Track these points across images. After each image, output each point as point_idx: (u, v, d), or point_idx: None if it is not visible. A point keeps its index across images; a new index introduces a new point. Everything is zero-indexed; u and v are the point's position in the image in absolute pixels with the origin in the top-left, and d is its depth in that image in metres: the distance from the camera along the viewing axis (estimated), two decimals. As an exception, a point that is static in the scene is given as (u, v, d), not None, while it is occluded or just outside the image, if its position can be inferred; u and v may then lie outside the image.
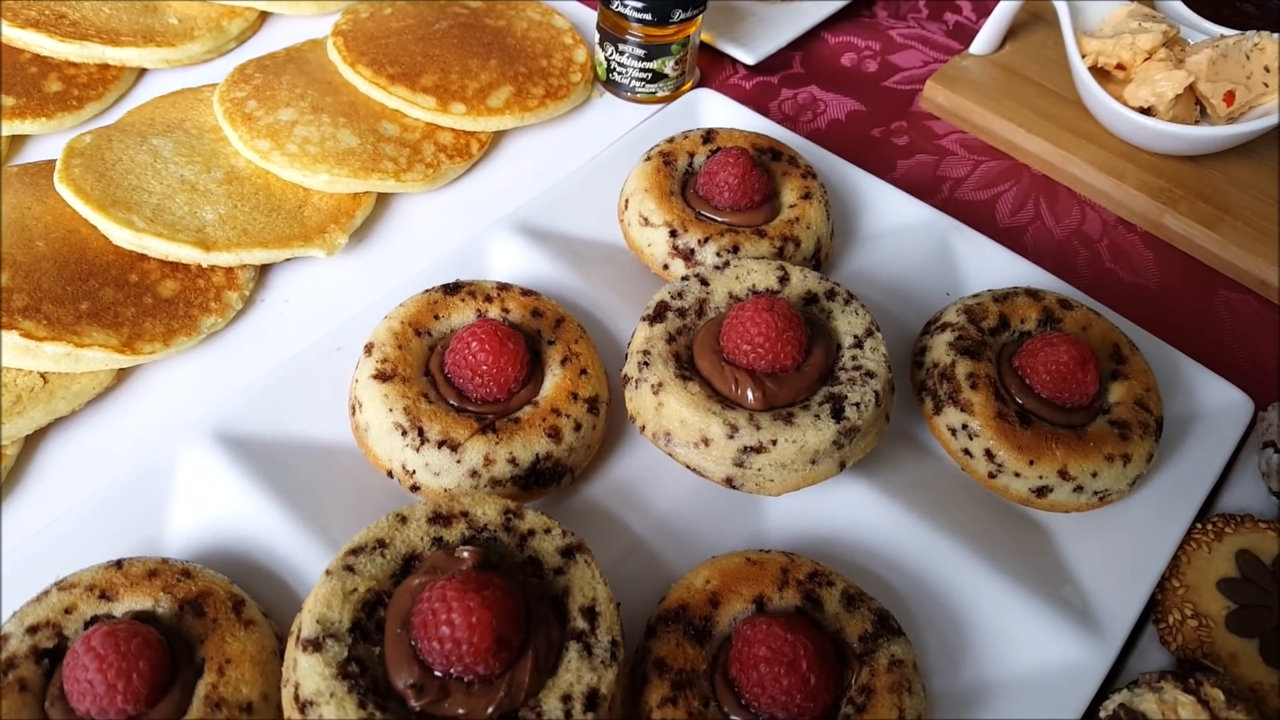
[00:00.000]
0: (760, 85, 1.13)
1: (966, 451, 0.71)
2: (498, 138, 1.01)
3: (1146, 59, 0.99)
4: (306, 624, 0.55)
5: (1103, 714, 0.61)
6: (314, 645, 0.54)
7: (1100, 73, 1.02)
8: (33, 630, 0.58)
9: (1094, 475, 0.69)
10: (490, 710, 0.53)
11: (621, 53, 1.01)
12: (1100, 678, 0.64)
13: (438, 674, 0.53)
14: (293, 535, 0.67)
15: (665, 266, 0.83)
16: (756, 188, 0.83)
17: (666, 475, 0.73)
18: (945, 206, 0.99)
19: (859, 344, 0.71)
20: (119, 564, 0.62)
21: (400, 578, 0.58)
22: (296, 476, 0.70)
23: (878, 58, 1.18)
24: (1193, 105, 0.99)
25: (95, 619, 0.59)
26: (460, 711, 0.53)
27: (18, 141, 0.96)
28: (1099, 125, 1.04)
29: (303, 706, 0.53)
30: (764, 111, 1.07)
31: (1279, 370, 0.89)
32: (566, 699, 0.54)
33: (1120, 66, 1.01)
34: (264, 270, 0.87)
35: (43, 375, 0.76)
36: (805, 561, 0.64)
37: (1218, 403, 0.79)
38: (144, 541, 0.66)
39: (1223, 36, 0.99)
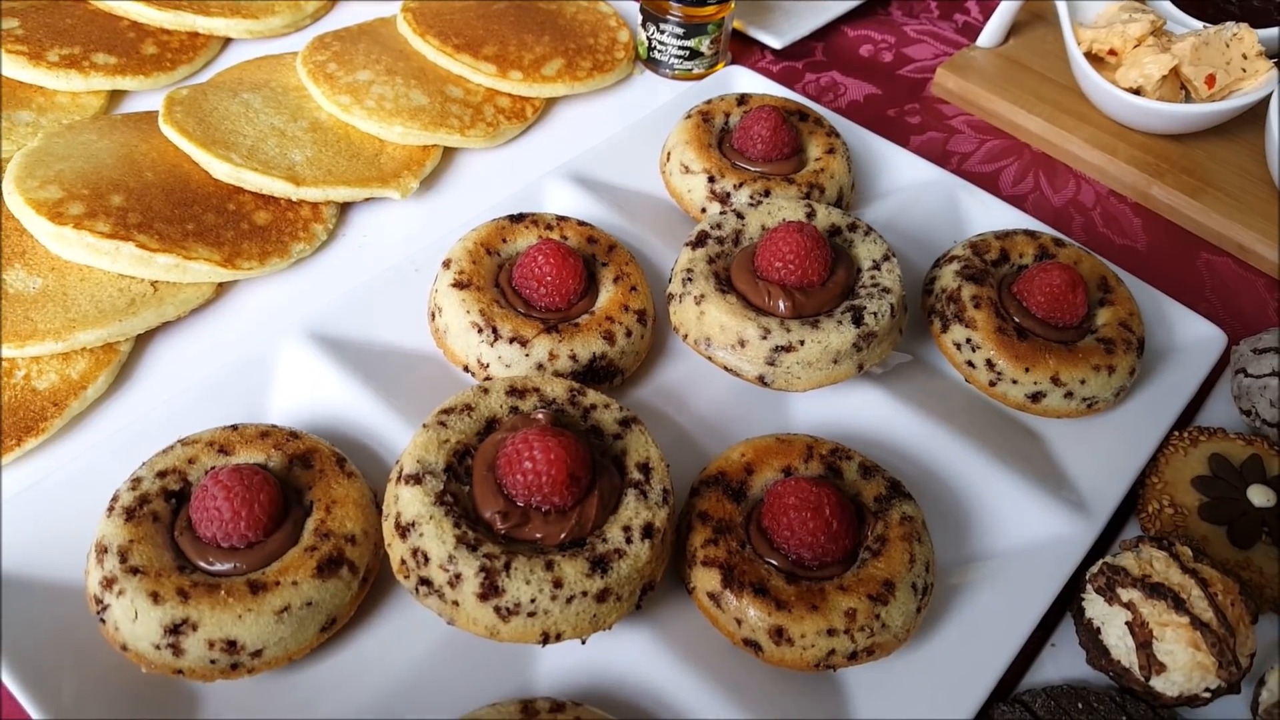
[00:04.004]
0: (786, 69, 1.24)
1: (970, 363, 0.81)
2: (549, 105, 1.12)
3: (1136, 45, 1.10)
4: (407, 464, 0.64)
5: (1088, 576, 0.70)
6: (415, 479, 0.63)
7: (1094, 58, 1.13)
8: (162, 475, 0.68)
9: (1082, 382, 0.79)
10: (563, 536, 0.62)
11: (662, 31, 1.12)
12: (1086, 547, 0.73)
13: (520, 504, 0.63)
14: (380, 417, 0.76)
15: (703, 210, 0.93)
16: (786, 140, 0.93)
17: (705, 380, 0.83)
18: (953, 177, 1.09)
19: (877, 267, 0.81)
20: (234, 427, 0.71)
21: (484, 436, 0.67)
22: (381, 370, 0.80)
23: (893, 49, 1.29)
24: (1178, 88, 1.09)
25: (215, 469, 0.68)
26: (538, 536, 0.62)
27: (117, 96, 1.07)
28: (1093, 108, 1.15)
29: (404, 531, 0.62)
30: (789, 91, 1.18)
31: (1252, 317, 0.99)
32: (626, 529, 0.63)
33: (1112, 52, 1.11)
34: (345, 209, 0.98)
35: (153, 284, 0.85)
36: (828, 441, 0.73)
37: (1195, 336, 0.88)
38: (249, 416, 0.76)
39: (1205, 28, 1.10)
